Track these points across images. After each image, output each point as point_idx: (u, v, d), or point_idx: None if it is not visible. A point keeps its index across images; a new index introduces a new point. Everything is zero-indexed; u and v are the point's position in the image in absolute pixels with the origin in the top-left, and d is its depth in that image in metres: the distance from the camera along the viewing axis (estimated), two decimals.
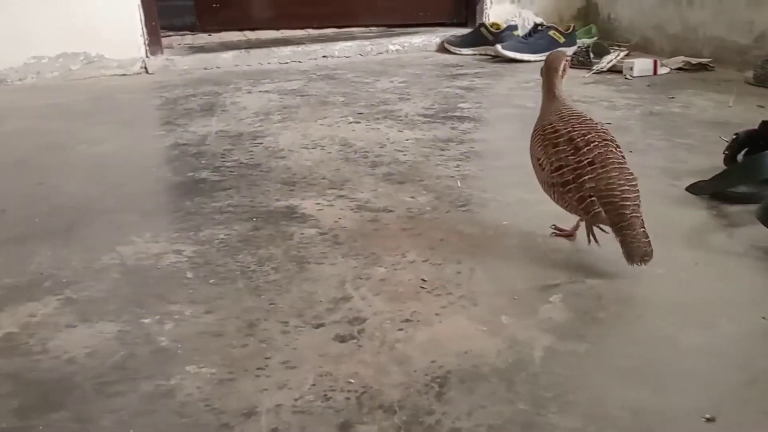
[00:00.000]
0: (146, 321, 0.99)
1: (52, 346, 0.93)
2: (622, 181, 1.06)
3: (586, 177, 1.07)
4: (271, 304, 1.02)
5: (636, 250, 1.03)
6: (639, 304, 1.01)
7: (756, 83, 2.25)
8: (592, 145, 1.09)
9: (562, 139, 1.11)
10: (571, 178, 1.08)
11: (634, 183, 1.07)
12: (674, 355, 0.88)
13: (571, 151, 1.09)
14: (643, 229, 1.05)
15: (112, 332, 0.96)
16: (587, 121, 1.14)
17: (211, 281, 1.10)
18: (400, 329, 0.95)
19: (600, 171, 1.07)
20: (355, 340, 0.93)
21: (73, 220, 1.37)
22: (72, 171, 1.71)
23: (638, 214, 1.05)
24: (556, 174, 1.10)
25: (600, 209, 1.06)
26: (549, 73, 1.19)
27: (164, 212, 1.41)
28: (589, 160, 1.08)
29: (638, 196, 1.07)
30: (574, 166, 1.08)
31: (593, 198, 1.06)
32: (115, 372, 0.87)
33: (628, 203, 1.05)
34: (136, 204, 1.47)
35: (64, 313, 1.01)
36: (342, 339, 0.93)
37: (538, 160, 1.15)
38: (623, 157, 1.11)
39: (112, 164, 1.76)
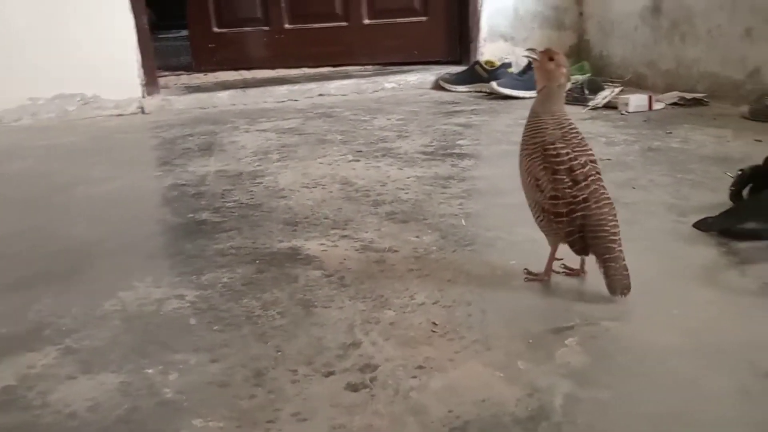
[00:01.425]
0: (150, 371, 0.95)
1: (52, 400, 0.90)
2: (611, 217, 1.09)
3: (579, 214, 1.08)
4: (279, 351, 0.99)
5: (619, 283, 1.08)
6: (658, 346, 0.98)
7: (752, 117, 2.26)
8: (589, 179, 1.09)
9: (563, 167, 1.09)
10: (564, 211, 1.09)
11: (617, 218, 1.11)
12: (701, 401, 0.85)
13: (570, 183, 1.08)
14: (624, 263, 1.08)
15: (115, 383, 0.93)
16: (584, 145, 1.12)
17: (215, 328, 1.07)
18: (414, 376, 0.92)
19: (593, 207, 1.08)
20: (367, 389, 0.89)
21: (73, 265, 1.34)
22: (72, 213, 1.69)
23: (621, 248, 1.09)
24: (549, 202, 1.10)
25: (581, 247, 1.10)
26: (566, 76, 1.12)
27: (165, 255, 1.38)
28: (584, 196, 1.08)
29: (619, 230, 1.10)
30: (570, 200, 1.08)
31: (582, 234, 1.09)
32: (119, 426, 0.84)
33: (615, 238, 1.08)
34: (137, 247, 1.44)
35: (64, 363, 0.98)
36: (354, 388, 0.90)
37: (537, 180, 1.11)
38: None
39: (112, 205, 1.74)
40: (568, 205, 1.08)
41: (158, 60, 3.10)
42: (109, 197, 1.81)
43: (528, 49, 1.17)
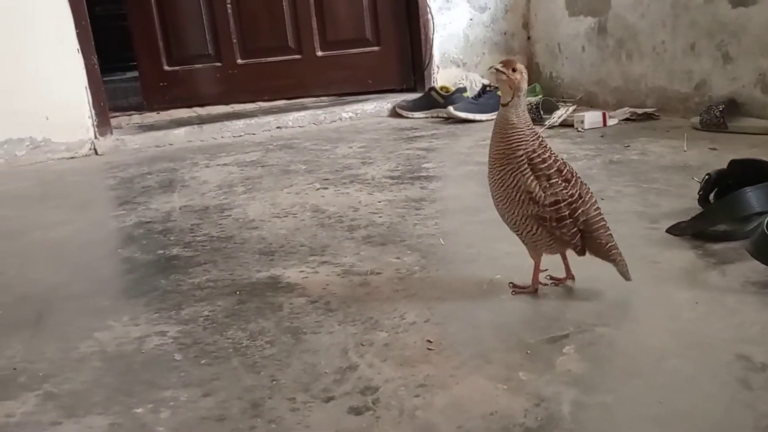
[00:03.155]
0: (139, 411, 0.91)
1: None
2: (600, 208, 1.13)
3: (580, 210, 1.10)
4: (273, 380, 0.96)
5: (626, 267, 1.13)
6: (653, 348, 0.98)
7: (703, 128, 2.34)
8: (576, 176, 1.11)
9: (552, 171, 1.08)
10: (567, 213, 1.09)
11: None
12: (705, 398, 0.85)
13: (564, 185, 1.09)
14: None
15: (103, 426, 0.88)
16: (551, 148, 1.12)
17: (202, 361, 1.03)
18: (417, 395, 0.90)
19: (587, 201, 1.11)
20: (371, 411, 0.87)
21: (40, 310, 1.27)
22: (31, 258, 1.61)
23: None
24: (551, 209, 1.08)
25: (583, 246, 1.12)
26: (526, 83, 1.10)
27: (139, 293, 1.32)
28: (578, 192, 1.10)
29: None
30: (569, 200, 1.09)
31: (582, 231, 1.11)
32: None
33: (608, 226, 1.13)
34: (107, 287, 1.39)
35: (45, 409, 0.92)
36: (357, 411, 0.87)
37: (530, 193, 1.08)
38: None
39: (73, 248, 1.68)
40: (570, 206, 1.09)
41: (107, 101, 3.03)
42: (69, 240, 1.75)
43: (491, 68, 1.14)
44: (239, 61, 3.43)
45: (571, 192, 1.09)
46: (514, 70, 1.10)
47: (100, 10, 5.60)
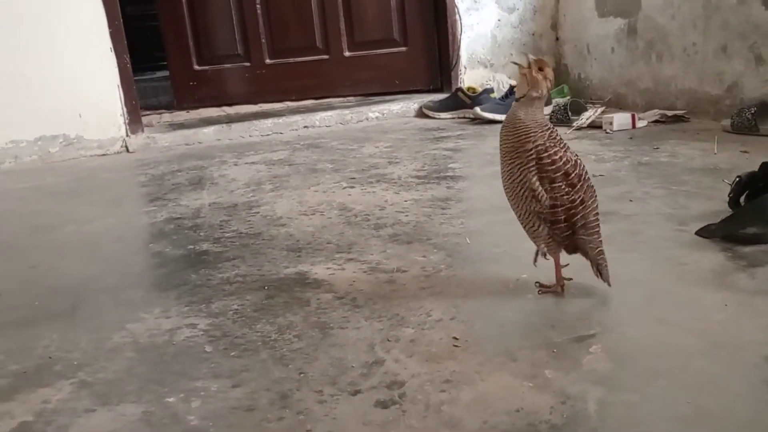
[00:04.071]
0: (171, 400, 0.93)
1: None
2: (598, 211, 1.14)
3: (578, 216, 1.11)
4: (301, 373, 0.97)
5: (607, 271, 1.14)
6: (680, 348, 0.98)
7: (734, 131, 2.31)
8: (583, 180, 1.11)
9: (559, 174, 1.09)
10: (563, 217, 1.11)
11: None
12: (730, 399, 0.85)
13: (567, 189, 1.09)
14: None
15: (136, 414, 0.90)
16: (566, 145, 1.12)
17: (232, 354, 1.05)
18: (443, 390, 0.90)
19: (588, 204, 1.12)
20: (397, 405, 0.88)
21: (74, 301, 1.31)
22: (64, 252, 1.65)
23: None
24: (549, 211, 1.10)
25: (574, 247, 1.15)
26: (549, 88, 1.11)
27: (170, 287, 1.35)
28: (581, 198, 1.10)
29: None
30: (568, 206, 1.10)
31: (577, 233, 1.13)
32: None
33: (600, 229, 1.14)
34: (139, 280, 1.42)
35: (80, 397, 0.95)
36: (384, 405, 0.88)
37: (533, 191, 1.10)
38: None
39: (106, 243, 1.71)
40: (567, 211, 1.10)
41: (138, 100, 3.08)
42: (102, 235, 1.78)
43: (521, 54, 1.15)
44: (268, 61, 3.47)
45: (572, 197, 1.10)
46: (540, 70, 1.11)
47: (131, 10, 5.67)
